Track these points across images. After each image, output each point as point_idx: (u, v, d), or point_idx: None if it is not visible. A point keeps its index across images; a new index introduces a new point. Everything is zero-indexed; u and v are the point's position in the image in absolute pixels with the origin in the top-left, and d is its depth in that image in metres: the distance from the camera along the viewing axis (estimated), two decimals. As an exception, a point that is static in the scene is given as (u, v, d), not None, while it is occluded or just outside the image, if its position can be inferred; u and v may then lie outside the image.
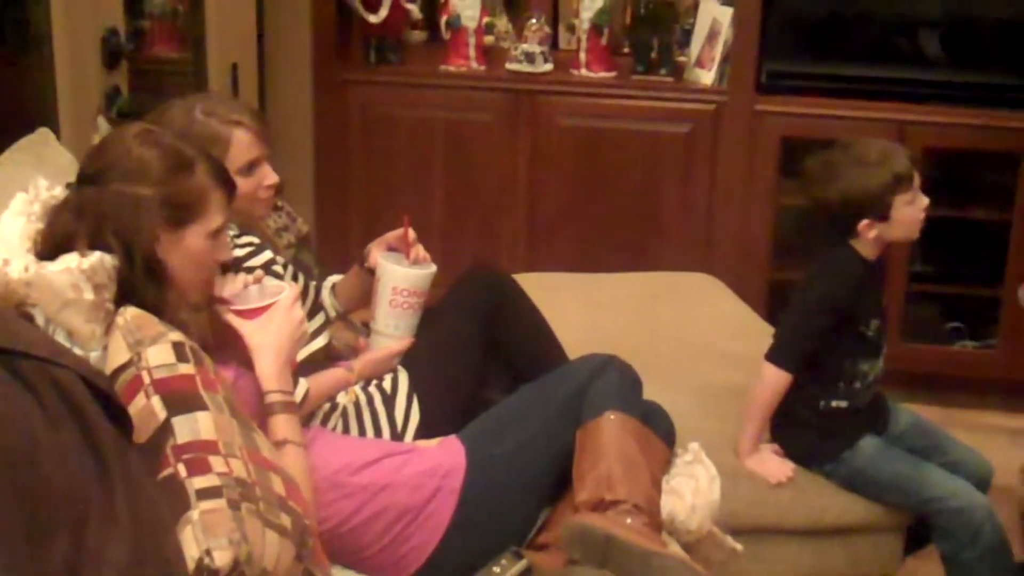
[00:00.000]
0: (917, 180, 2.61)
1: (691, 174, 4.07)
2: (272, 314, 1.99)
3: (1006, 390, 3.84)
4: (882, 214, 2.57)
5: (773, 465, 2.69)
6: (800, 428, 2.71)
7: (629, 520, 2.07)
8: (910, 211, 2.60)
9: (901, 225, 2.61)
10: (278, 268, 2.39)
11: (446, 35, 4.19)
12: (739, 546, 2.41)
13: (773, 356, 2.64)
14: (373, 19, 4.10)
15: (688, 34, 4.16)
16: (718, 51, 4.04)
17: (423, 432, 2.42)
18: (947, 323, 4.24)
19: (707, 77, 4.07)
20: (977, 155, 3.80)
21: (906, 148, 2.68)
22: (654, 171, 4.08)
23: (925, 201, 2.63)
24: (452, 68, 4.17)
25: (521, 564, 2.09)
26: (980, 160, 3.82)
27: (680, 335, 3.26)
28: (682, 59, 4.17)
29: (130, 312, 1.70)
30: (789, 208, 3.92)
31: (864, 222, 2.58)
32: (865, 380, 2.67)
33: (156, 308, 1.74)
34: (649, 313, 3.38)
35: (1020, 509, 3.14)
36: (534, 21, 4.15)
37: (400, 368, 2.52)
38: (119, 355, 1.67)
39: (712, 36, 4.07)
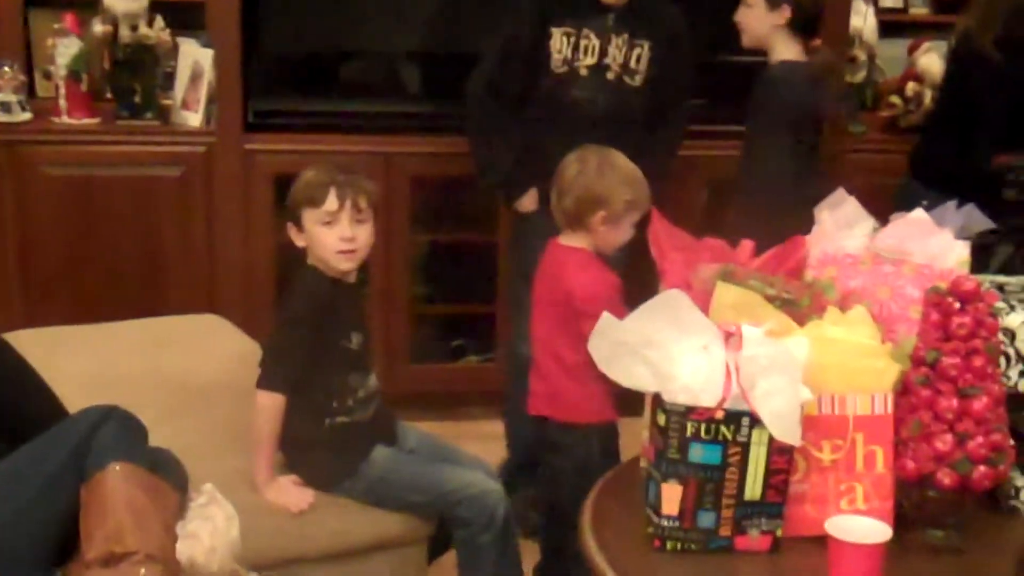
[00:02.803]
0: (332, 207, 2.63)
1: (189, 217, 4.01)
2: None
3: (508, 398, 4.05)
4: (297, 222, 2.68)
5: (292, 494, 2.69)
6: (311, 451, 2.73)
7: (143, 571, 2.01)
8: (322, 233, 2.65)
9: (315, 243, 2.66)
10: None
11: (-92, 89, 3.90)
12: (264, 581, 2.40)
13: (262, 382, 2.67)
14: None
15: (171, 76, 4.10)
16: (203, 92, 4.01)
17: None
18: (451, 342, 4.43)
19: (195, 119, 4.04)
20: (461, 181, 3.99)
21: (350, 183, 2.69)
22: (150, 216, 3.99)
23: (345, 231, 2.64)
24: (-80, 123, 3.88)
25: (32, 635, 1.98)
26: (465, 186, 4.02)
27: (188, 378, 3.20)
28: (167, 102, 4.11)
29: None
30: (289, 244, 3.93)
31: (289, 223, 2.70)
32: (356, 395, 2.73)
33: None
34: (154, 359, 3.29)
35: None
36: (7, 69, 3.95)
37: None
38: None
39: (195, 78, 4.03)
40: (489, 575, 2.77)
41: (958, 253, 2.32)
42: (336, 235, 2.65)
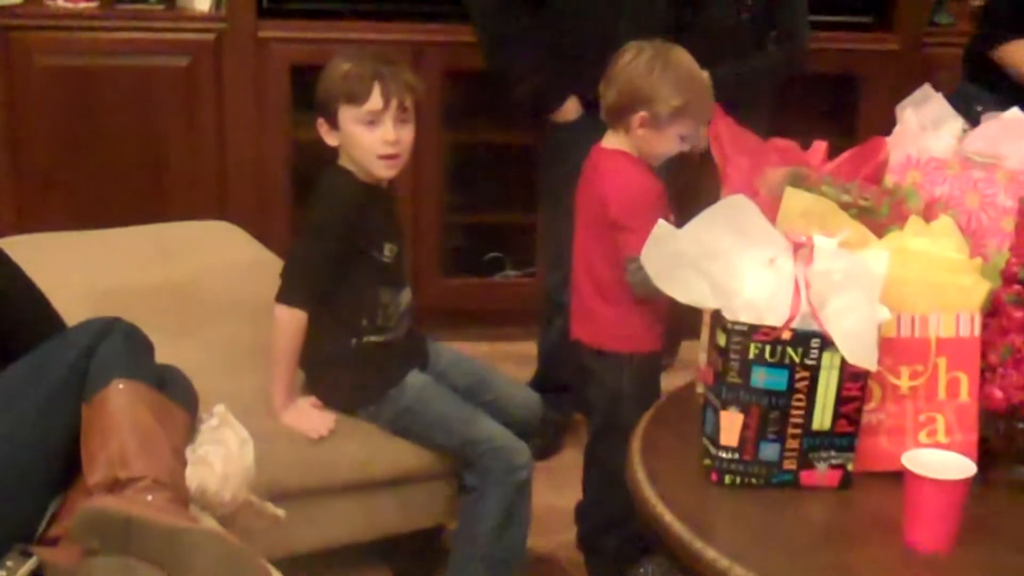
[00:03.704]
0: (375, 106, 2.61)
1: (196, 112, 4.02)
2: None
3: (551, 317, 4.06)
4: (331, 120, 2.64)
5: (312, 418, 2.72)
6: (335, 372, 2.75)
7: (150, 497, 2.02)
8: (362, 134, 2.63)
9: (352, 145, 2.64)
10: None
11: None
12: (281, 512, 2.42)
13: (283, 296, 2.66)
14: None
15: (177, -46, 4.09)
16: (213, -27, 4.01)
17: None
18: (486, 254, 4.43)
19: (203, 3, 4.03)
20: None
21: (400, 78, 2.67)
22: (154, 111, 4.01)
23: (389, 134, 2.63)
24: (-99, 5, 3.89)
25: (30, 563, 2.00)
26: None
27: (197, 290, 3.23)
28: (173, -16, 4.11)
29: None
30: (307, 143, 3.94)
31: (320, 120, 2.66)
32: (387, 312, 2.73)
33: None
34: (161, 268, 3.33)
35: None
36: (-4, -53, 3.95)
37: None
38: None
39: (204, -43, 4.03)
40: (488, 532, 2.76)
41: (1058, 158, 2.29)
42: (379, 138, 2.62)
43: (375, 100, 2.60)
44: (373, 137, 2.62)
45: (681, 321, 2.63)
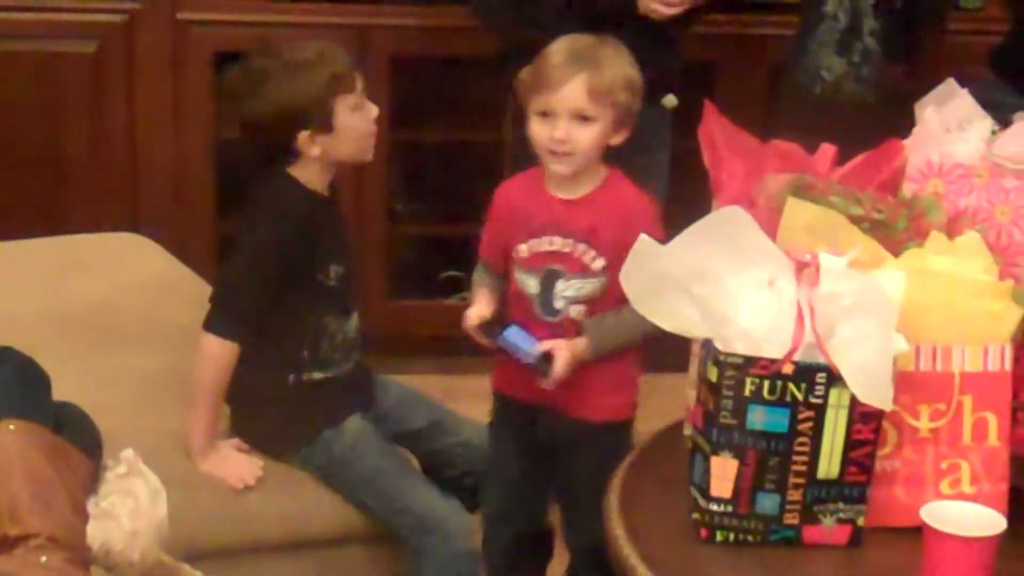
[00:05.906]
0: (361, 84, 2.73)
1: (103, 106, 4.02)
2: None
3: (517, 345, 4.06)
4: (324, 123, 2.66)
5: (236, 464, 2.71)
6: (268, 411, 2.75)
7: (45, 558, 2.03)
8: (357, 120, 2.71)
9: (348, 138, 2.70)
10: None
11: None
12: (199, 575, 2.42)
13: (212, 324, 2.66)
14: None
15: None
16: (122, -57, 4.01)
17: None
18: (440, 272, 4.42)
19: (112, -22, 4.03)
20: (457, 63, 3.97)
21: (352, 54, 2.80)
22: (54, 104, 4.00)
23: (374, 111, 2.76)
24: None
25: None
26: (462, 69, 3.99)
27: (101, 314, 3.23)
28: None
29: None
30: (232, 142, 3.93)
31: (304, 134, 2.65)
32: (334, 343, 2.74)
33: None
34: (58, 289, 3.32)
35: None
36: None
37: None
38: None
39: (112, -76, 4.03)
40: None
41: (1101, 165, 2.31)
42: (367, 116, 2.73)
43: (359, 81, 2.72)
44: (364, 119, 2.73)
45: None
